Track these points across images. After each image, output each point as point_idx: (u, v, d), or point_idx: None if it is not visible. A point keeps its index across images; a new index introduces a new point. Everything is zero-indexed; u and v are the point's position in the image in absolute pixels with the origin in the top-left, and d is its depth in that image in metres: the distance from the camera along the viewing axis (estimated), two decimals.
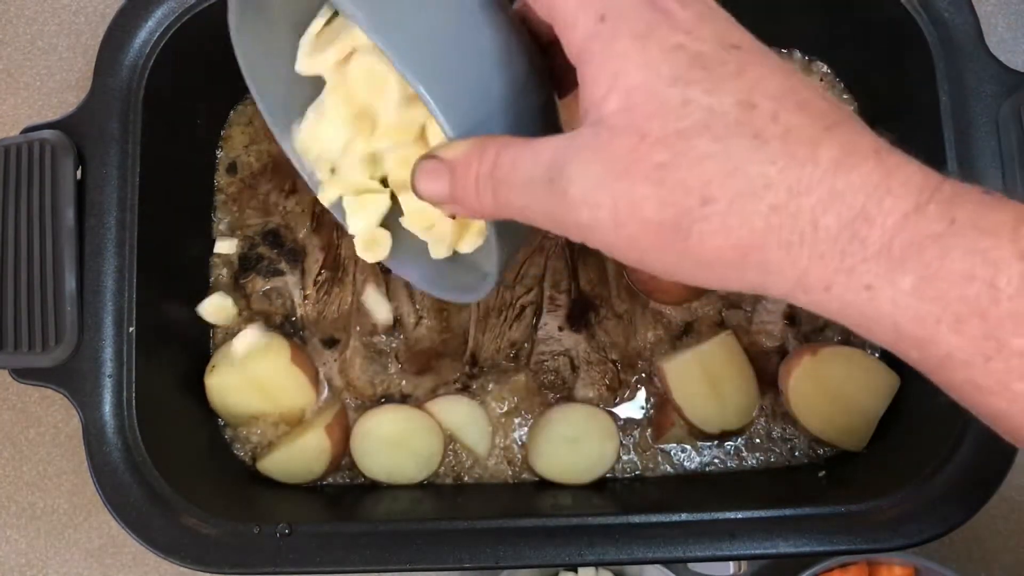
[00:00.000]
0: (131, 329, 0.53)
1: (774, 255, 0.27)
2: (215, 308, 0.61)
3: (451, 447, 0.60)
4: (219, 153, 0.64)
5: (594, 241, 0.29)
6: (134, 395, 0.52)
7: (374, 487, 0.59)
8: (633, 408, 0.60)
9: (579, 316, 0.60)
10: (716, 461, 0.59)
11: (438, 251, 0.41)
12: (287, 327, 0.61)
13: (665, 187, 0.27)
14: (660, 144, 0.27)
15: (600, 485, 0.58)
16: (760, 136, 0.26)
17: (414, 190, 0.33)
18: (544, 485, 0.59)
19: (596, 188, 0.28)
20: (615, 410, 0.60)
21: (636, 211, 0.27)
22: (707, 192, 0.27)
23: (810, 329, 0.59)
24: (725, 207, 0.27)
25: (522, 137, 0.31)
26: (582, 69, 0.29)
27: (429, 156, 0.32)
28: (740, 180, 0.26)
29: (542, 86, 0.35)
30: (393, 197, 0.42)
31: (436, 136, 0.37)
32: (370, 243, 0.43)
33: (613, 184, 0.28)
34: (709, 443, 0.59)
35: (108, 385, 0.52)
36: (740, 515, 0.49)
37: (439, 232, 0.41)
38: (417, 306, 0.61)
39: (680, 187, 0.27)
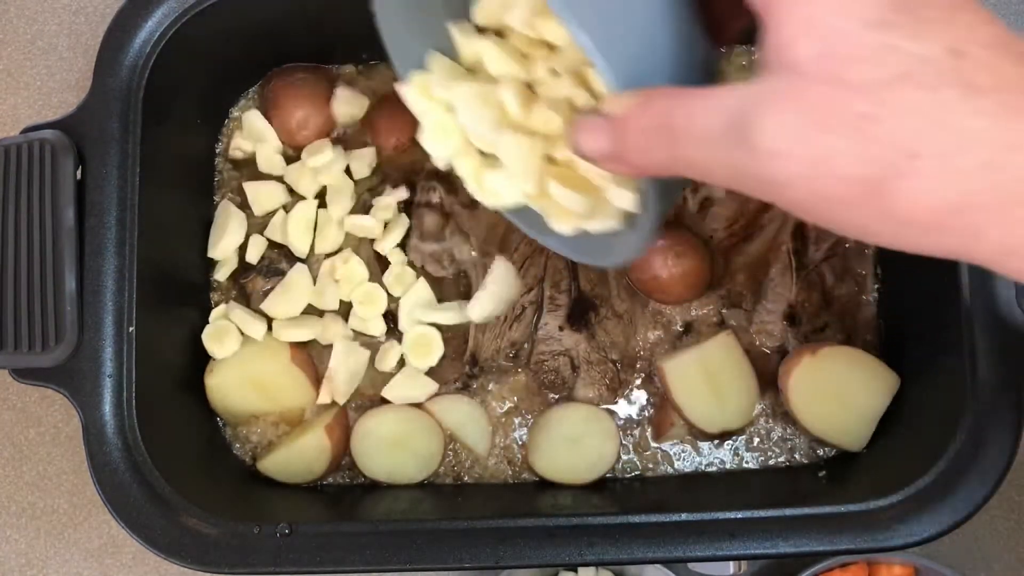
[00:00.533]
0: (131, 329, 0.53)
1: (984, 217, 0.25)
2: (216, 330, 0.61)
3: (451, 447, 0.60)
4: (219, 152, 0.64)
5: (782, 198, 0.27)
6: (134, 395, 0.52)
7: (374, 487, 0.59)
8: (633, 408, 0.60)
9: (579, 316, 0.60)
10: (716, 461, 0.59)
11: (589, 217, 0.39)
12: None
13: (867, 140, 0.25)
14: (862, 93, 0.25)
15: (600, 485, 0.58)
16: (972, 86, 0.24)
17: (574, 146, 0.32)
18: (544, 485, 0.59)
19: (790, 140, 0.26)
20: (615, 410, 0.60)
21: (834, 165, 0.25)
22: (914, 146, 0.24)
23: (810, 329, 0.59)
24: (933, 163, 0.24)
25: (680, 90, 0.29)
26: (768, 11, 0.27)
27: (590, 112, 0.31)
28: (950, 134, 0.24)
29: (704, 36, 0.33)
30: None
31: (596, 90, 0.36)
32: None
33: (809, 135, 0.25)
34: (709, 443, 0.59)
35: (108, 385, 0.52)
36: (740, 515, 0.49)
37: (588, 200, 0.39)
38: None
39: (884, 140, 0.25)
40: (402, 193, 0.61)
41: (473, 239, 0.60)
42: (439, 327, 0.60)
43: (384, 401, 0.60)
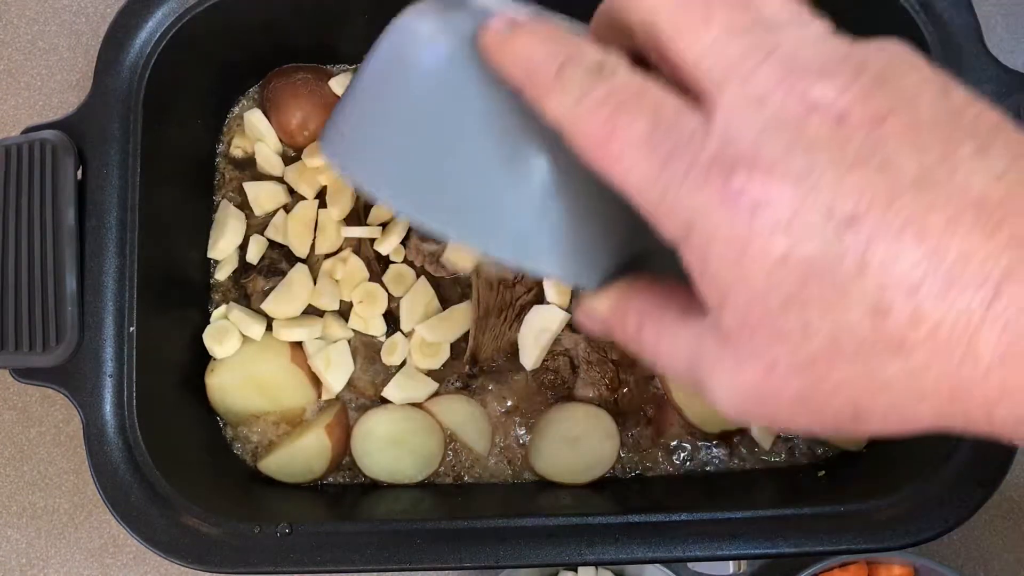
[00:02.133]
0: (131, 329, 0.53)
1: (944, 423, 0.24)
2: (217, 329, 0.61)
3: (451, 447, 0.60)
4: (219, 152, 0.64)
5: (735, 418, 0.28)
6: (135, 395, 0.52)
7: (374, 487, 0.59)
8: (633, 408, 0.60)
9: None
10: (716, 461, 0.59)
11: None
12: None
13: (810, 409, 0.25)
14: (792, 374, 0.24)
15: (600, 485, 0.58)
16: (903, 347, 0.23)
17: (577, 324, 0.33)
18: (544, 485, 0.59)
19: (738, 406, 0.26)
20: (615, 409, 0.59)
21: (788, 423, 0.26)
22: (857, 410, 0.24)
23: None
24: (881, 417, 0.24)
25: (653, 304, 0.29)
26: (688, 266, 0.26)
27: (583, 306, 0.32)
28: (892, 394, 0.24)
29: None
30: None
31: None
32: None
33: (755, 407, 0.26)
34: (709, 443, 0.59)
35: (109, 385, 0.52)
36: (740, 515, 0.49)
37: None
38: None
39: (827, 408, 0.25)
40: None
41: None
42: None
43: (384, 401, 0.60)
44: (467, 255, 0.59)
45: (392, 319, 0.60)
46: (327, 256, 0.61)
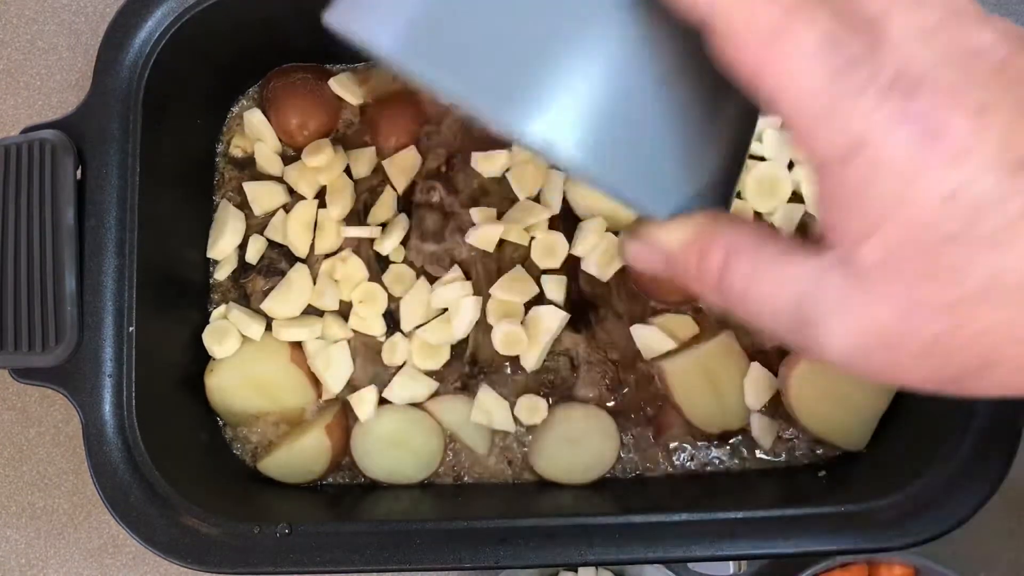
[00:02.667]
0: (131, 329, 0.53)
1: None
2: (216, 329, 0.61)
3: (451, 447, 0.60)
4: (219, 152, 0.64)
5: (839, 367, 0.26)
6: (134, 395, 0.52)
7: (374, 487, 0.59)
8: (633, 408, 0.60)
9: (579, 316, 0.60)
10: (716, 461, 0.59)
11: None
12: None
13: (938, 356, 0.24)
14: (935, 315, 0.23)
15: (600, 485, 0.58)
16: None
17: (624, 258, 0.29)
18: (544, 485, 0.59)
19: (854, 352, 0.25)
20: (615, 409, 0.59)
21: (902, 374, 0.25)
22: (990, 358, 0.24)
23: None
24: (1010, 370, 0.24)
25: (747, 238, 0.26)
26: (831, 191, 0.24)
27: (638, 237, 0.28)
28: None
29: (727, 99, 0.27)
30: None
31: None
32: None
33: (875, 352, 0.24)
34: (709, 443, 0.59)
35: (108, 385, 0.52)
36: (740, 515, 0.49)
37: None
38: None
39: (957, 356, 0.24)
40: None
41: None
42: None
43: (384, 401, 0.60)
44: (493, 166, 0.57)
45: (392, 319, 0.60)
46: (327, 256, 0.61)
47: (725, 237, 0.27)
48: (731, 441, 0.59)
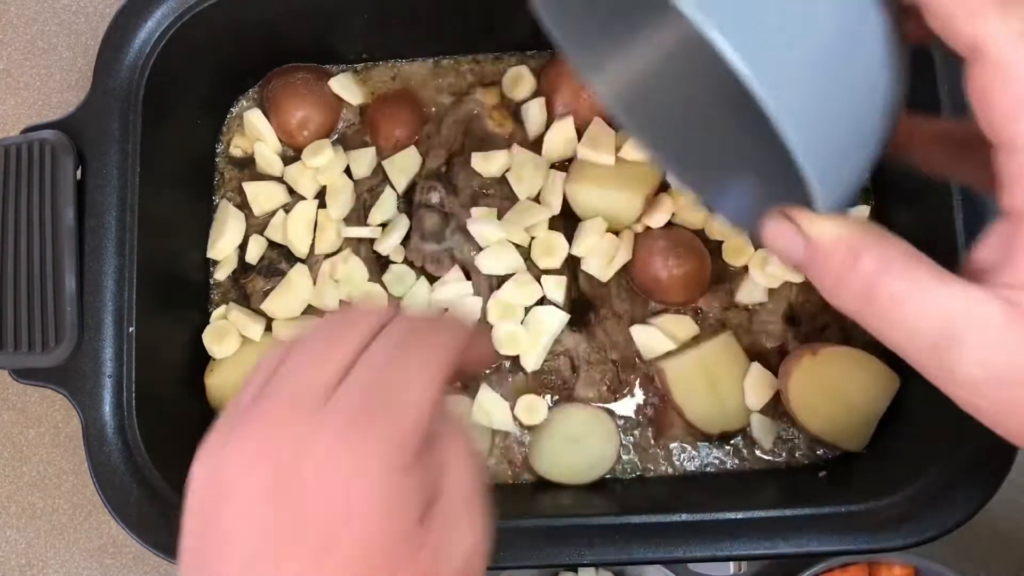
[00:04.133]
0: (131, 329, 0.53)
1: None
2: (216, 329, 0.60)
3: None
4: (219, 152, 0.64)
5: (960, 403, 0.26)
6: (134, 395, 0.52)
7: None
8: (633, 408, 0.60)
9: (579, 316, 0.60)
10: (716, 461, 0.59)
11: None
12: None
13: None
14: None
15: (600, 485, 0.58)
16: None
17: (761, 236, 0.29)
18: (544, 485, 0.59)
19: (983, 383, 0.24)
20: (615, 410, 0.60)
21: (1019, 411, 0.24)
22: None
23: (810, 329, 0.59)
24: None
25: (905, 255, 0.26)
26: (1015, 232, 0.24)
27: (787, 216, 0.27)
28: None
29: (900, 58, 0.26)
30: None
31: None
32: None
33: (1004, 388, 0.24)
34: (709, 443, 0.59)
35: (108, 385, 0.52)
36: (740, 515, 0.49)
37: None
38: None
39: None
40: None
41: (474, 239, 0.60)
42: None
43: None
44: (493, 166, 0.57)
45: None
46: (327, 256, 0.61)
47: (880, 248, 0.26)
48: (731, 441, 0.59)
